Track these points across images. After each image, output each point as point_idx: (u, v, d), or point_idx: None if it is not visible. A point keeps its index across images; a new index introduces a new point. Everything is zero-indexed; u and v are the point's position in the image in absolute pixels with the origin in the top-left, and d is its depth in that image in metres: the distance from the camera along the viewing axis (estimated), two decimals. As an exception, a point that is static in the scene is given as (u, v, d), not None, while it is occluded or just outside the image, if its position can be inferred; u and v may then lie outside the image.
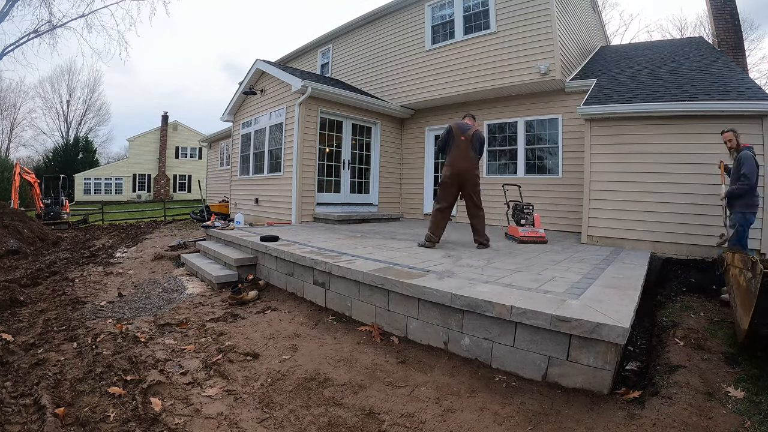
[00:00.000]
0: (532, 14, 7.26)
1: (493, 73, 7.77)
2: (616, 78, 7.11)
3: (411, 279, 2.97)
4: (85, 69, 44.07)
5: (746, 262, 2.62)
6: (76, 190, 28.97)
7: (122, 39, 33.96)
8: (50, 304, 3.84)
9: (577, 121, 6.81)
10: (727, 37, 8.05)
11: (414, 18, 9.18)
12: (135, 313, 3.66)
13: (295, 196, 7.87)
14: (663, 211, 5.41)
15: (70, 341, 2.86)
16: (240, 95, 10.36)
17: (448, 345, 2.72)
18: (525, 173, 7.96)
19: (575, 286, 2.96)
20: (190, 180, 32.92)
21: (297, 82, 7.78)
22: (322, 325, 3.30)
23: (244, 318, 3.50)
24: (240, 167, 10.65)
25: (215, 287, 4.46)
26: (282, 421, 1.95)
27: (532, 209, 5.98)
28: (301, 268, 4.02)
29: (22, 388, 2.14)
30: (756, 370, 2.31)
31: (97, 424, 1.86)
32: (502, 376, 2.37)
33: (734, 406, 1.98)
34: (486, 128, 8.55)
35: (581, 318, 2.16)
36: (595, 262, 4.12)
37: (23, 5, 15.45)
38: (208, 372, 2.45)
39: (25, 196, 16.93)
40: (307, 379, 2.35)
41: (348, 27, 10.76)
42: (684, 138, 5.36)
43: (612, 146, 5.83)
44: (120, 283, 4.77)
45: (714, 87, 5.75)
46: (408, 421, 1.94)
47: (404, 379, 2.37)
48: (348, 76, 10.87)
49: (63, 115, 36.67)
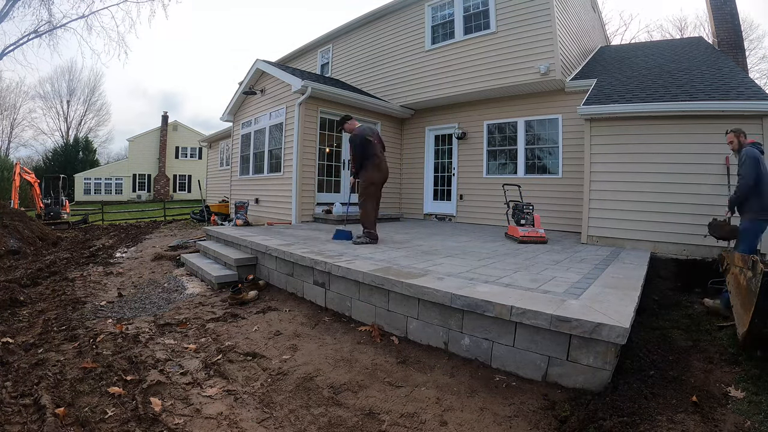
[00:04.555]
0: (532, 14, 7.26)
1: (493, 73, 7.77)
2: (616, 78, 7.10)
3: (411, 279, 2.97)
4: (85, 69, 44.13)
5: (746, 262, 2.62)
6: (76, 190, 28.94)
7: (122, 40, 33.99)
8: (50, 304, 3.83)
9: (577, 121, 6.81)
10: (727, 37, 8.06)
11: (414, 18, 9.18)
12: (135, 313, 3.66)
13: (295, 196, 7.87)
14: (663, 211, 5.41)
15: (70, 341, 2.85)
16: (240, 95, 10.35)
17: (448, 345, 2.72)
18: (525, 173, 7.96)
19: (575, 286, 2.96)
20: (190, 180, 32.90)
21: (297, 82, 7.78)
22: (322, 325, 3.30)
23: (244, 318, 3.50)
24: (240, 167, 10.65)
25: (215, 287, 4.46)
26: (282, 421, 1.95)
27: (532, 209, 5.98)
28: (301, 268, 4.01)
29: (22, 388, 2.14)
30: (756, 370, 2.31)
31: (97, 424, 1.86)
32: (502, 376, 2.37)
33: (734, 406, 1.98)
34: (486, 128, 8.56)
35: (581, 318, 2.16)
36: (595, 262, 4.12)
37: (23, 5, 15.44)
38: (208, 372, 2.45)
39: (25, 196, 16.93)
40: (307, 379, 2.35)
41: (348, 27, 10.76)
42: (684, 138, 5.36)
43: (612, 146, 5.83)
44: (120, 283, 4.77)
45: (714, 87, 5.74)
46: (408, 421, 1.94)
47: (404, 379, 2.37)
48: (348, 76, 10.87)
49: (63, 115, 36.71)
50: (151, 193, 31.98)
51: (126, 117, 66.91)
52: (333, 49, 11.54)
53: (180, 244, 7.14)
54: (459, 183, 9.09)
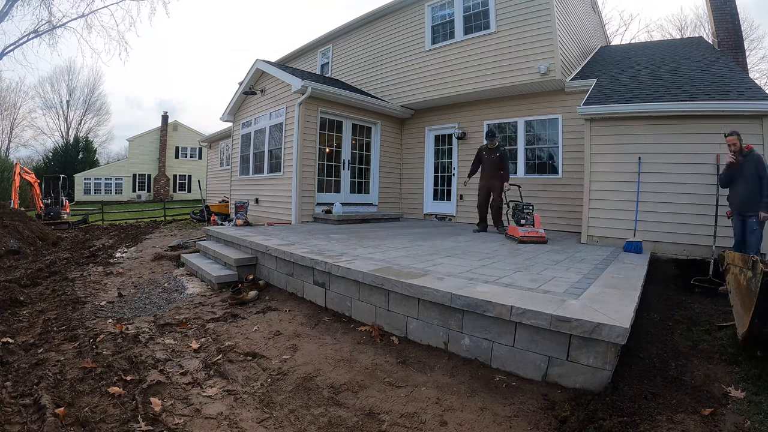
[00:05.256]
0: (532, 14, 7.26)
1: (493, 73, 7.77)
2: (616, 78, 7.10)
3: (411, 279, 2.97)
4: (84, 69, 44.06)
5: (746, 262, 2.62)
6: (76, 190, 28.94)
7: (122, 39, 33.98)
8: (50, 304, 3.84)
9: (577, 121, 6.81)
10: (727, 37, 8.06)
11: (414, 18, 9.18)
12: (135, 313, 3.66)
13: (295, 196, 7.87)
14: (663, 211, 5.41)
15: (70, 341, 2.85)
16: (240, 95, 10.35)
17: (448, 345, 2.72)
18: (525, 173, 7.96)
19: (575, 286, 2.96)
20: (190, 180, 32.91)
21: (297, 82, 7.78)
22: (322, 325, 3.30)
23: (244, 318, 3.50)
24: (240, 167, 10.65)
25: (215, 287, 4.46)
26: (282, 421, 1.95)
27: (532, 209, 5.97)
28: (301, 268, 4.01)
29: (22, 388, 2.14)
30: (756, 370, 2.31)
31: (97, 424, 1.86)
32: (502, 376, 2.37)
33: (734, 406, 1.98)
34: (486, 128, 8.55)
35: (581, 318, 2.16)
36: (595, 262, 4.12)
37: (23, 5, 15.42)
38: (208, 372, 2.45)
39: (25, 196, 16.93)
40: (307, 379, 2.35)
41: (348, 27, 10.76)
42: (684, 138, 5.36)
43: (612, 146, 5.83)
44: (120, 283, 4.77)
45: (714, 87, 5.75)
46: (408, 421, 1.94)
47: (404, 379, 2.37)
48: (348, 76, 10.87)
49: (63, 115, 36.69)
50: (151, 193, 31.98)
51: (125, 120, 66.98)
52: (333, 49, 11.54)
53: (180, 244, 7.13)
54: (459, 183, 9.09)
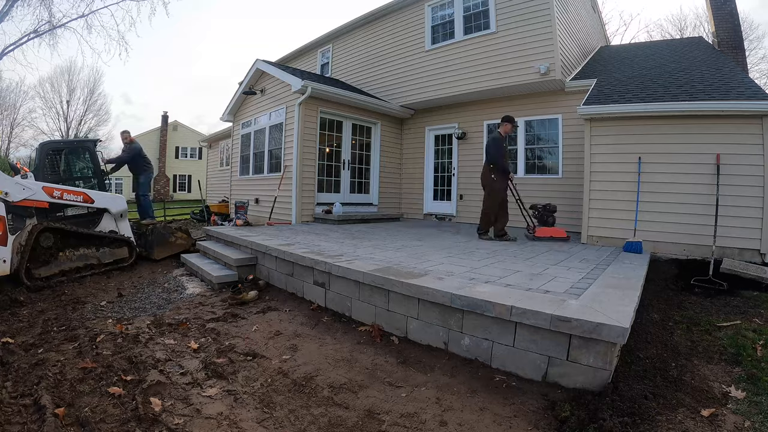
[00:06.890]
0: (532, 14, 7.26)
1: (493, 73, 7.77)
2: (616, 78, 7.10)
3: (411, 279, 2.97)
4: (84, 69, 44.04)
5: None
6: (76, 190, 28.88)
7: (122, 39, 33.98)
8: (50, 304, 3.84)
9: (577, 121, 6.81)
10: (727, 37, 8.06)
11: (414, 18, 9.18)
12: (135, 313, 3.66)
13: (295, 196, 7.87)
14: (663, 211, 5.41)
15: (70, 341, 2.85)
16: (240, 95, 10.36)
17: (448, 345, 2.72)
18: (525, 173, 7.96)
19: (575, 286, 2.96)
20: (190, 180, 32.88)
21: (297, 82, 7.78)
22: (322, 325, 3.30)
23: (244, 318, 3.50)
24: (240, 167, 10.65)
25: (215, 287, 4.46)
26: (282, 421, 1.95)
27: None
28: (301, 268, 4.01)
29: (22, 388, 2.14)
30: (756, 371, 2.31)
31: (97, 424, 1.86)
32: (502, 376, 2.37)
33: (734, 406, 1.98)
34: (486, 128, 8.56)
35: (581, 318, 2.16)
36: (596, 262, 4.12)
37: (23, 5, 15.47)
38: (207, 372, 2.45)
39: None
40: (307, 379, 2.35)
41: (348, 27, 10.76)
42: (684, 138, 5.35)
43: (612, 146, 5.82)
44: (120, 283, 4.77)
45: (714, 87, 5.74)
46: (408, 421, 1.94)
47: (404, 379, 2.37)
48: (348, 76, 10.87)
49: (63, 115, 36.60)
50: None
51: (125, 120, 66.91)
52: (333, 49, 11.54)
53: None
54: (459, 183, 9.09)
